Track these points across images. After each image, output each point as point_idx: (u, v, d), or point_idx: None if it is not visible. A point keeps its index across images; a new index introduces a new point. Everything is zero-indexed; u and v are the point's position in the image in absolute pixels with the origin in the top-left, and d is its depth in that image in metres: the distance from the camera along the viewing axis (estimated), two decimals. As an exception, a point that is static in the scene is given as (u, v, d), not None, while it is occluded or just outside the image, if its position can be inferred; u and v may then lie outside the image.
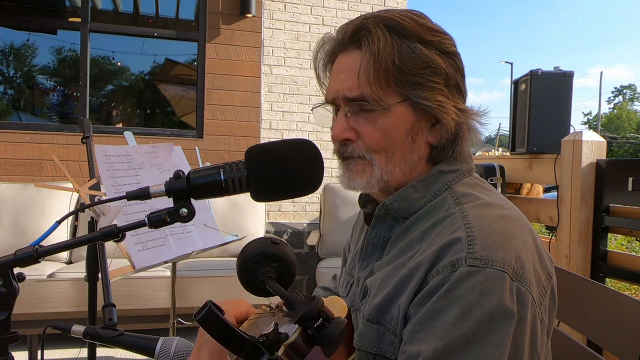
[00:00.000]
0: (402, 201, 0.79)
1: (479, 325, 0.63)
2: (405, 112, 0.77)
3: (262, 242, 0.63)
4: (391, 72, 0.75)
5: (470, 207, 0.74)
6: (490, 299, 0.64)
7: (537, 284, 0.70)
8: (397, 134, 0.78)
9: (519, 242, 0.70)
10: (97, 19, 4.37)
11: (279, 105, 4.67)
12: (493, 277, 0.65)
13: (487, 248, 0.67)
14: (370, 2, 4.92)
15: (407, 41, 0.76)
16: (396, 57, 0.75)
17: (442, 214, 0.76)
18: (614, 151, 34.15)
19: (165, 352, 0.70)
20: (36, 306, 2.26)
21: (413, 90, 0.76)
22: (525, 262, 0.68)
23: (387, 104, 0.76)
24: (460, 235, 0.69)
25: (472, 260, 0.66)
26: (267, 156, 0.70)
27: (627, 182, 2.03)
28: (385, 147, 0.78)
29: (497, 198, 0.78)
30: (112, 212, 1.29)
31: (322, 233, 4.13)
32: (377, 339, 0.74)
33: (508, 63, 34.30)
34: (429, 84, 0.76)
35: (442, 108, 0.76)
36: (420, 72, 0.75)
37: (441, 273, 0.67)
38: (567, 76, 2.55)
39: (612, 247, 3.72)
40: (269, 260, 0.61)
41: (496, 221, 0.71)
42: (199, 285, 2.75)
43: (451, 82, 0.78)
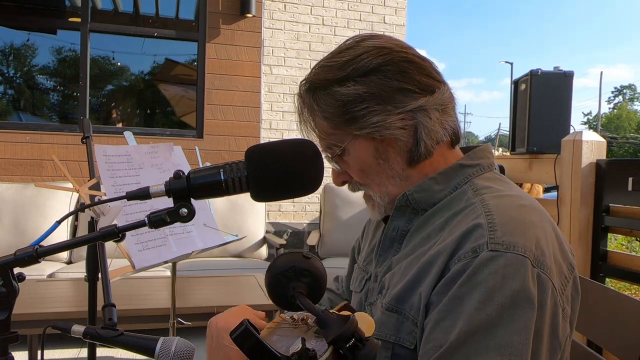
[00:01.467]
0: (422, 192, 0.81)
1: (502, 309, 0.64)
2: (362, 144, 0.81)
3: (293, 256, 0.63)
4: (324, 125, 0.82)
5: (490, 197, 0.75)
6: (512, 282, 0.65)
7: (558, 273, 0.70)
8: (368, 164, 0.82)
9: (539, 230, 0.71)
10: (97, 19, 4.37)
11: (279, 105, 4.68)
12: (515, 261, 0.66)
13: (508, 233, 0.68)
14: (370, 2, 4.92)
15: (324, 91, 0.80)
16: (321, 111, 0.81)
17: (462, 204, 0.77)
18: (614, 151, 34.15)
19: (165, 352, 0.70)
20: (36, 306, 2.26)
21: (349, 126, 0.80)
22: (546, 249, 0.69)
23: (342, 145, 0.82)
24: (481, 222, 0.70)
25: (493, 245, 0.67)
26: (267, 156, 0.70)
27: (627, 182, 2.03)
28: (368, 175, 0.83)
29: (516, 191, 0.80)
30: (112, 212, 1.29)
31: (322, 233, 4.12)
32: (396, 327, 0.75)
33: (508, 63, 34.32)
34: (358, 114, 0.78)
35: (380, 127, 0.78)
36: (344, 109, 0.79)
37: (463, 259, 0.68)
38: (567, 76, 2.54)
39: (612, 247, 3.72)
40: (299, 275, 0.61)
41: (516, 210, 0.72)
42: (199, 285, 2.75)
43: (384, 95, 0.78)
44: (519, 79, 2.71)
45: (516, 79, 2.77)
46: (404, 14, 5.04)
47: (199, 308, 2.39)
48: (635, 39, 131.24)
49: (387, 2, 4.98)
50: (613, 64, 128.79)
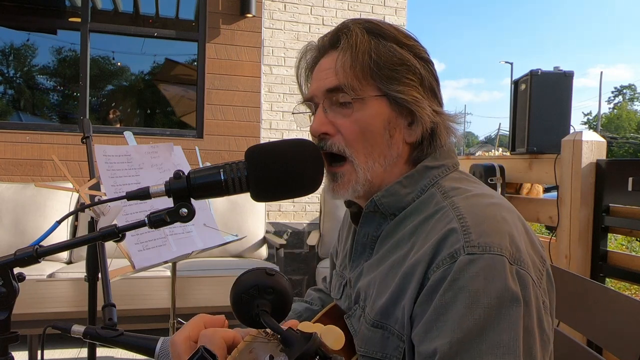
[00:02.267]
0: (390, 197, 0.80)
1: (490, 311, 0.63)
2: (382, 107, 0.79)
3: (257, 273, 0.62)
4: (367, 64, 0.78)
5: (459, 199, 0.75)
6: (495, 283, 0.64)
7: (533, 267, 0.70)
8: (374, 127, 0.79)
9: (511, 226, 0.70)
10: (97, 19, 4.37)
11: (279, 105, 4.67)
12: (493, 262, 0.65)
13: (483, 234, 0.67)
14: (370, 2, 4.92)
15: (383, 41, 0.79)
16: (373, 52, 0.78)
17: (431, 209, 0.76)
18: (614, 151, 34.14)
19: (165, 352, 0.70)
20: (36, 306, 2.26)
21: (389, 84, 0.78)
22: (520, 245, 0.69)
23: (363, 95, 0.78)
24: (454, 226, 0.69)
25: (470, 249, 0.66)
26: (267, 156, 0.70)
27: (627, 182, 2.03)
28: (363, 141, 0.79)
29: (483, 189, 0.80)
30: (112, 212, 1.29)
31: (322, 233, 4.12)
32: (382, 344, 0.74)
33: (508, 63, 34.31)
34: (405, 80, 0.78)
35: (418, 103, 0.78)
36: (396, 67, 0.78)
37: (441, 266, 0.67)
38: (567, 76, 2.54)
39: (612, 247, 3.72)
40: (263, 293, 0.60)
41: (486, 208, 0.72)
42: (199, 285, 2.75)
43: (426, 83, 0.80)
44: (519, 79, 2.71)
45: (516, 79, 2.77)
46: (404, 14, 5.05)
47: (199, 308, 2.39)
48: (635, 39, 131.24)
49: (387, 2, 4.98)
50: (613, 64, 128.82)
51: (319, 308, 1.09)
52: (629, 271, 2.10)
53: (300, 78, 0.91)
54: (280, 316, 0.60)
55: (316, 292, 1.16)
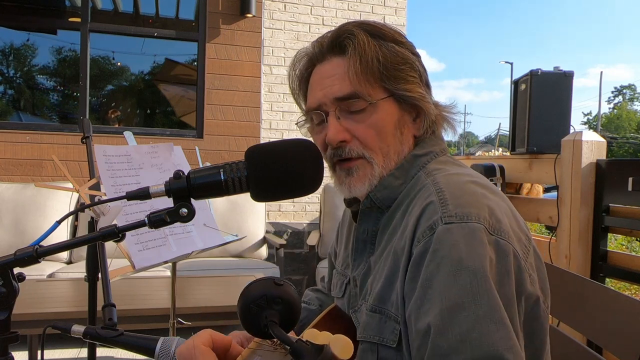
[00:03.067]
0: (384, 190, 0.82)
1: (474, 277, 0.63)
2: (391, 107, 0.82)
3: (265, 283, 0.61)
4: (376, 69, 0.80)
5: (440, 176, 0.77)
6: (476, 249, 0.65)
7: (517, 241, 0.71)
8: (388, 129, 0.81)
9: (492, 202, 0.71)
10: (97, 19, 4.37)
11: (279, 105, 4.67)
12: (472, 229, 0.66)
13: (460, 206, 0.69)
14: (370, 2, 4.92)
15: (384, 42, 0.82)
16: (380, 55, 0.80)
17: (417, 189, 0.79)
18: (614, 151, 34.14)
19: (165, 352, 0.70)
20: (36, 306, 2.26)
21: (396, 84, 0.81)
22: (501, 218, 0.70)
23: (375, 99, 0.80)
24: (432, 199, 0.71)
25: (447, 218, 0.67)
26: (267, 156, 0.70)
27: (627, 182, 2.03)
28: (380, 142, 0.81)
29: (469, 171, 0.82)
30: (112, 212, 1.29)
31: (322, 233, 4.12)
32: (379, 327, 0.74)
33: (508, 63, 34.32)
34: (410, 78, 0.81)
35: (424, 98, 0.82)
36: (401, 67, 0.81)
37: (422, 239, 0.68)
38: (567, 76, 2.54)
39: (612, 247, 3.72)
40: (272, 303, 0.59)
41: (466, 184, 0.74)
42: (199, 285, 2.75)
43: (424, 78, 0.85)
44: (519, 79, 2.71)
45: (516, 79, 2.77)
46: (404, 14, 5.05)
47: (199, 308, 2.39)
48: (635, 39, 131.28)
49: (387, 2, 4.98)
50: (613, 64, 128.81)
51: (316, 308, 1.09)
52: (629, 271, 2.10)
53: (293, 84, 0.91)
54: (288, 327, 0.59)
55: (314, 293, 1.16)
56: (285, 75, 4.13)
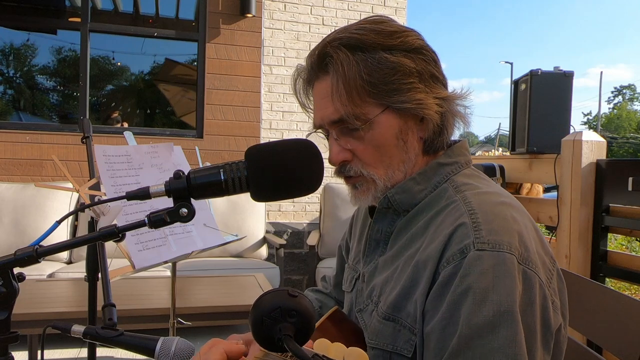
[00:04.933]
0: (403, 193, 0.81)
1: (499, 308, 0.64)
2: (390, 119, 0.79)
3: (279, 295, 0.58)
4: (363, 87, 0.76)
5: (471, 195, 0.75)
6: (504, 281, 0.65)
7: (542, 267, 0.71)
8: (388, 142, 0.79)
9: (521, 226, 0.71)
10: (97, 19, 4.37)
11: (279, 105, 4.67)
12: (503, 259, 0.66)
13: (493, 232, 0.68)
14: (370, 2, 4.92)
15: (370, 54, 0.77)
16: (363, 72, 0.76)
17: (443, 202, 0.77)
18: (614, 151, 34.15)
19: (165, 352, 0.70)
20: (36, 306, 2.26)
21: (390, 97, 0.77)
22: (529, 245, 0.70)
23: (368, 119, 0.78)
24: (465, 221, 0.70)
25: (480, 245, 0.67)
26: (267, 156, 0.70)
27: (627, 182, 2.03)
28: (380, 157, 0.80)
29: (495, 187, 0.80)
30: (112, 212, 1.29)
31: (322, 233, 4.12)
32: (393, 336, 0.74)
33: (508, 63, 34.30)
34: (404, 86, 0.77)
35: (423, 104, 0.78)
36: (392, 78, 0.77)
37: (452, 262, 0.68)
38: (567, 76, 2.54)
39: (612, 247, 3.72)
40: (286, 316, 0.56)
41: (497, 206, 0.73)
42: (199, 285, 2.75)
43: (425, 75, 0.79)
44: (519, 79, 2.71)
45: (516, 79, 2.77)
46: (404, 14, 5.05)
47: (199, 308, 2.39)
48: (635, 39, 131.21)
49: (387, 2, 4.98)
50: (613, 64, 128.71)
51: (316, 309, 1.09)
52: (629, 271, 2.10)
53: (300, 97, 0.90)
54: (303, 340, 0.57)
55: (313, 293, 1.16)
56: (286, 75, 4.13)
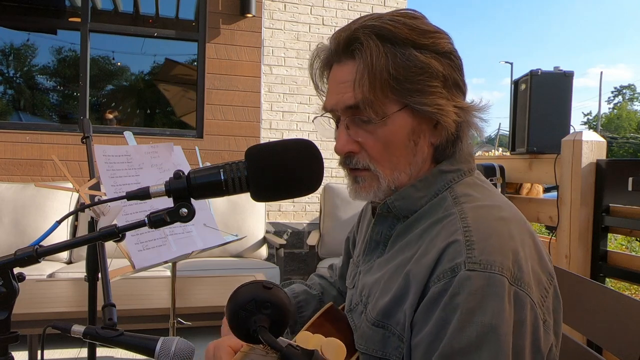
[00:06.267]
0: (403, 200, 0.80)
1: (483, 329, 0.63)
2: (406, 118, 0.77)
3: (254, 287, 0.59)
4: (387, 82, 0.75)
5: (468, 208, 0.74)
6: (491, 302, 0.64)
7: (537, 286, 0.70)
8: (399, 141, 0.78)
9: (518, 243, 0.70)
10: (97, 19, 4.37)
11: (279, 105, 4.67)
12: (493, 281, 0.65)
13: (486, 252, 0.67)
14: (370, 2, 4.92)
15: (400, 49, 0.75)
16: (391, 67, 0.74)
17: (440, 213, 0.76)
18: (614, 151, 34.16)
19: (165, 352, 0.70)
20: (36, 306, 2.26)
21: (412, 97, 0.75)
22: (524, 264, 0.69)
23: (385, 114, 0.76)
24: (458, 238, 0.69)
25: (471, 265, 0.66)
26: (267, 156, 0.70)
27: (627, 182, 2.03)
28: (388, 155, 0.78)
29: (496, 199, 0.78)
30: (112, 212, 1.29)
31: (322, 233, 4.12)
32: (383, 343, 0.74)
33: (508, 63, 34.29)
34: (427, 88, 0.75)
35: (442, 111, 0.76)
36: (417, 78, 0.75)
37: (442, 279, 0.67)
38: (567, 76, 2.54)
39: (612, 247, 3.72)
40: (261, 308, 0.58)
41: (494, 223, 0.71)
42: (199, 285, 2.75)
43: (449, 82, 0.77)
44: (519, 79, 2.71)
45: (516, 79, 2.77)
46: (404, 14, 5.04)
47: (199, 308, 2.39)
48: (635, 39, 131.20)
49: (387, 2, 4.98)
50: (613, 64, 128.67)
51: (317, 293, 1.10)
52: (629, 271, 2.10)
53: (315, 78, 0.87)
54: (278, 331, 0.58)
55: (318, 278, 1.16)
56: (286, 75, 4.12)
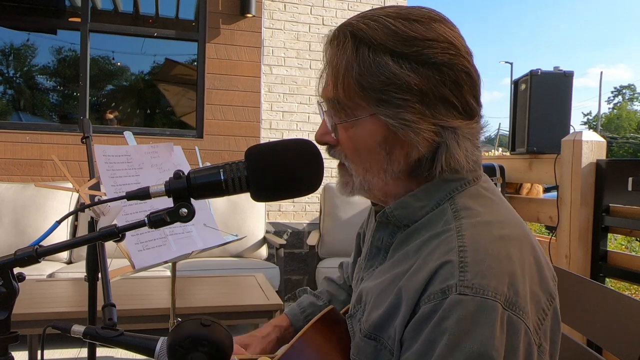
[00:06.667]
0: (402, 209, 0.77)
1: (471, 356, 0.62)
2: (376, 126, 0.73)
3: (191, 324, 0.59)
4: (352, 86, 0.71)
5: (467, 225, 0.70)
6: (481, 329, 0.62)
7: (535, 309, 0.68)
8: (369, 147, 0.74)
9: (516, 265, 0.67)
10: (97, 19, 4.37)
11: (279, 105, 4.67)
12: (484, 306, 0.63)
13: (479, 275, 0.64)
14: (370, 2, 4.92)
15: (374, 54, 0.70)
16: (356, 72, 0.71)
17: (439, 227, 0.72)
18: (614, 151, 34.15)
19: (165, 352, 0.70)
20: (36, 306, 2.26)
21: (377, 106, 0.71)
22: (520, 287, 0.66)
23: (356, 117, 0.73)
24: (452, 259, 0.66)
25: (462, 289, 0.63)
26: (267, 156, 0.70)
27: (627, 182, 2.03)
28: (359, 157, 0.76)
29: (499, 213, 0.74)
30: (112, 212, 1.29)
31: (322, 233, 4.12)
32: (374, 355, 0.73)
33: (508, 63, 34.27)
34: (395, 101, 0.70)
35: (409, 127, 0.70)
36: (384, 88, 0.70)
37: (432, 300, 0.65)
38: (567, 76, 2.55)
39: (612, 247, 3.72)
40: (197, 345, 0.57)
41: (493, 243, 0.68)
42: (199, 285, 2.75)
43: (430, 97, 0.70)
44: (519, 79, 2.71)
45: (516, 79, 2.77)
46: (404, 14, 5.04)
47: (199, 308, 2.39)
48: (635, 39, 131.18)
49: (387, 2, 4.98)
50: (613, 64, 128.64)
51: (323, 303, 1.09)
52: (629, 271, 2.10)
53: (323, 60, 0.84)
54: None
55: (327, 283, 1.15)
56: (286, 75, 4.11)
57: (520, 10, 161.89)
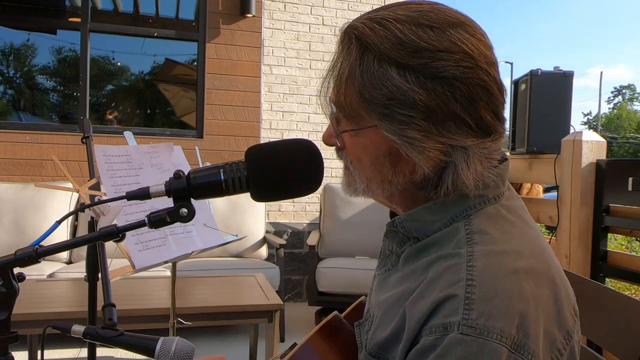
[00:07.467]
0: (414, 222, 0.71)
1: None
2: (379, 138, 0.68)
3: None
4: (355, 96, 0.67)
5: (479, 254, 0.64)
6: None
7: (548, 350, 0.63)
8: (370, 157, 0.70)
9: (529, 303, 0.62)
10: (97, 19, 4.37)
11: (279, 105, 4.67)
12: (488, 349, 0.58)
13: (485, 315, 0.59)
14: (370, 2, 4.92)
15: (377, 64, 0.65)
16: (358, 82, 0.66)
17: (450, 248, 0.67)
18: (614, 151, 34.16)
19: (165, 352, 0.70)
20: (36, 306, 2.26)
21: (379, 120, 0.66)
22: (532, 328, 0.61)
23: (358, 124, 0.69)
24: (458, 293, 0.61)
25: (465, 328, 0.59)
26: (267, 156, 0.70)
27: (627, 182, 2.03)
28: (362, 165, 0.72)
29: (517, 239, 0.68)
30: (112, 212, 1.29)
31: (322, 233, 4.12)
32: None
33: (508, 63, 34.29)
34: (397, 116, 0.64)
35: (412, 145, 0.65)
36: (387, 102, 0.64)
37: (433, 333, 0.61)
38: (567, 76, 2.55)
39: (612, 247, 3.72)
40: None
41: (505, 277, 0.62)
42: (199, 285, 2.75)
43: (438, 113, 0.64)
44: (519, 79, 2.71)
45: (516, 79, 2.77)
46: (404, 14, 5.04)
47: (199, 308, 2.39)
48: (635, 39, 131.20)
49: (387, 2, 4.98)
50: (613, 64, 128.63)
51: None
52: (629, 271, 2.10)
53: None
54: None
55: None
56: (286, 75, 4.12)
57: (520, 10, 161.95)
